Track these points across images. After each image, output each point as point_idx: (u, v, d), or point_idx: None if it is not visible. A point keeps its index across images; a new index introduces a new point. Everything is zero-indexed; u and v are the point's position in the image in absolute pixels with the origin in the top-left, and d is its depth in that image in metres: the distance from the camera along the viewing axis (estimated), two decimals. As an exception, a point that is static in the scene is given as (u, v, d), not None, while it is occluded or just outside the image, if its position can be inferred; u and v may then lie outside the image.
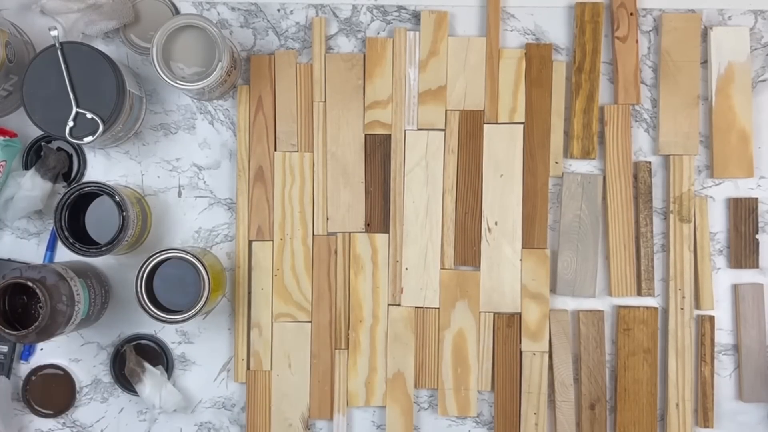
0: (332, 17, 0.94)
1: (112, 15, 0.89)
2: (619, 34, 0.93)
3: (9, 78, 0.87)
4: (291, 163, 0.93)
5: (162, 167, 0.94)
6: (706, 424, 0.92)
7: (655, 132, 0.94)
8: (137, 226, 0.88)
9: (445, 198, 0.93)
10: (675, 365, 0.91)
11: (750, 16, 0.95)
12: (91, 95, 0.84)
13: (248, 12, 0.94)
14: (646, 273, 0.92)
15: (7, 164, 0.89)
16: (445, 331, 0.92)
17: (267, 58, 0.93)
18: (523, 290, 0.92)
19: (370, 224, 0.93)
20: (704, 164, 0.94)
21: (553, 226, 0.93)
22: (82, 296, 0.84)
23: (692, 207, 0.92)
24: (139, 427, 0.94)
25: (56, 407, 0.93)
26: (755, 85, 0.94)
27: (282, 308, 0.93)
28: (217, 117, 0.94)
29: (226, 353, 0.94)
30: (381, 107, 0.93)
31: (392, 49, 0.93)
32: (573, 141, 0.93)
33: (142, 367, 0.90)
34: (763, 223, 0.94)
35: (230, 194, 0.94)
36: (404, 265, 0.92)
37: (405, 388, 0.92)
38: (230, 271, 0.93)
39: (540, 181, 0.93)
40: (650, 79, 0.95)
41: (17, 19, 0.92)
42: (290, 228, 0.93)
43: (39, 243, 0.93)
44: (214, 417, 0.94)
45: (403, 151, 0.93)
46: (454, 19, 0.94)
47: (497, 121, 0.93)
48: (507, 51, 0.93)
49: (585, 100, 0.93)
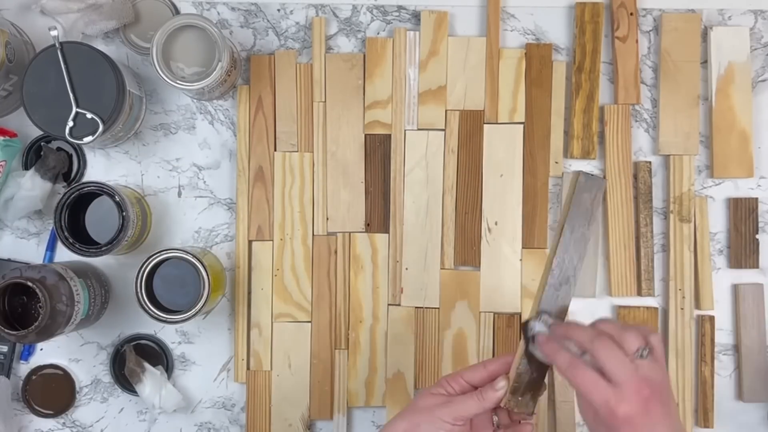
0: (332, 17, 0.94)
1: (112, 15, 0.89)
2: (619, 34, 0.93)
3: (9, 78, 0.87)
4: (291, 163, 0.93)
5: (162, 167, 0.94)
6: (706, 424, 0.92)
7: (655, 132, 0.94)
8: (137, 226, 0.88)
9: (445, 198, 0.93)
10: (675, 365, 0.91)
11: (750, 16, 0.95)
12: (91, 95, 0.84)
13: (248, 12, 0.94)
14: (646, 273, 0.92)
15: (7, 164, 0.89)
16: (445, 331, 0.92)
17: (267, 58, 0.93)
18: (523, 290, 0.92)
19: (370, 224, 0.93)
20: (704, 164, 0.94)
21: (553, 226, 0.93)
22: (82, 296, 0.84)
23: (692, 207, 0.92)
24: (139, 427, 0.94)
25: (56, 407, 0.93)
26: (755, 85, 0.94)
27: (282, 308, 0.93)
28: (217, 117, 0.94)
29: (226, 353, 0.94)
30: (381, 107, 0.93)
31: (392, 49, 0.93)
32: (573, 141, 0.93)
33: (142, 367, 0.90)
34: (763, 223, 0.94)
35: (230, 194, 0.94)
36: (404, 265, 0.92)
37: (405, 388, 0.92)
38: (230, 271, 0.93)
39: (540, 181, 0.93)
40: (650, 79, 0.95)
41: (17, 19, 0.92)
42: (290, 228, 0.93)
43: (39, 243, 0.93)
44: (214, 417, 0.94)
45: (403, 151, 0.93)
46: (454, 19, 0.94)
47: (497, 121, 0.93)
48: (507, 51, 0.93)
49: (585, 100, 0.93)
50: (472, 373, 0.71)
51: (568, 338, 0.67)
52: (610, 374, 0.63)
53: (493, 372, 0.70)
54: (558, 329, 0.68)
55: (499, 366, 0.71)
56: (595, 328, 0.67)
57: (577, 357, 0.65)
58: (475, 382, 0.71)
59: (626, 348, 0.64)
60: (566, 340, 0.67)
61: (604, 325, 0.67)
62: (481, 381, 0.71)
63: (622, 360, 0.63)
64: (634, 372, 0.63)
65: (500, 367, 0.71)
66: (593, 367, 0.64)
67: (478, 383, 0.71)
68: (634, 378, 0.63)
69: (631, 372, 0.63)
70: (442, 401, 0.69)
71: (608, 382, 0.63)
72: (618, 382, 0.63)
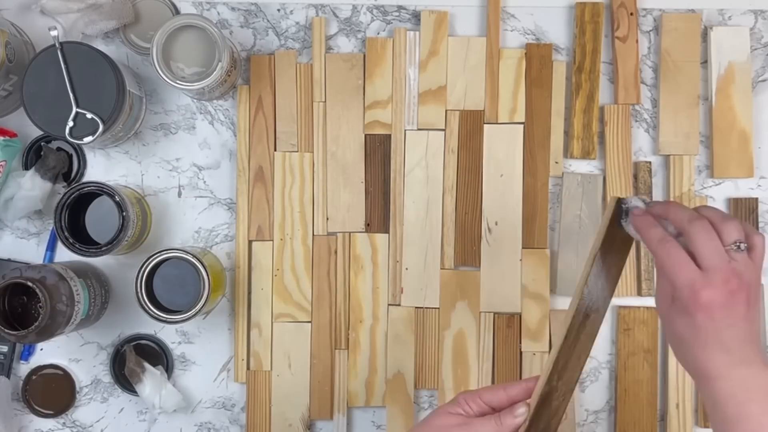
0: (332, 17, 0.94)
1: (112, 15, 0.89)
2: (619, 34, 0.93)
3: (9, 78, 0.87)
4: (291, 163, 0.93)
5: (162, 167, 0.94)
6: (706, 425, 0.92)
7: (655, 132, 0.94)
8: (137, 226, 0.88)
9: (445, 198, 0.93)
10: (675, 365, 0.91)
11: (750, 16, 0.95)
12: (91, 95, 0.84)
13: (248, 12, 0.94)
14: (646, 273, 0.92)
15: (7, 164, 0.89)
16: (445, 332, 0.92)
17: (267, 58, 0.93)
18: (523, 290, 0.92)
19: (370, 224, 0.93)
20: (704, 164, 0.94)
21: (553, 226, 0.93)
22: (82, 296, 0.84)
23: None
24: (139, 427, 0.94)
25: (56, 407, 0.93)
26: (755, 85, 0.94)
27: (282, 308, 0.93)
28: (217, 117, 0.94)
29: (226, 353, 0.94)
30: (381, 107, 0.93)
31: (392, 49, 0.93)
32: (573, 141, 0.93)
33: (142, 367, 0.90)
34: (763, 223, 0.94)
35: (230, 194, 0.94)
36: (404, 265, 0.92)
37: (405, 388, 0.92)
38: (230, 271, 0.93)
39: (540, 181, 0.93)
40: (650, 79, 0.95)
41: (17, 19, 0.92)
42: (290, 228, 0.93)
43: (39, 243, 0.93)
44: (214, 417, 0.94)
45: (403, 151, 0.93)
46: (454, 19, 0.94)
47: (497, 121, 0.93)
48: (507, 51, 0.93)
49: (585, 100, 0.93)
50: (491, 394, 0.68)
51: (665, 218, 0.64)
52: (702, 258, 0.61)
53: (513, 397, 0.67)
54: (656, 207, 0.65)
55: (520, 391, 0.67)
56: (697, 210, 0.64)
57: (671, 235, 0.63)
58: (493, 405, 0.68)
59: (724, 238, 0.61)
60: (663, 219, 0.64)
61: (707, 211, 0.64)
62: (499, 404, 0.67)
63: (717, 247, 0.61)
64: (727, 262, 0.60)
65: (521, 392, 0.67)
66: (685, 249, 0.61)
67: (497, 406, 0.67)
68: (726, 268, 0.60)
69: (724, 261, 0.60)
70: (460, 422, 0.66)
71: (697, 266, 0.60)
72: (708, 268, 0.60)
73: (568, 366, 0.68)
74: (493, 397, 0.68)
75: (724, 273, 0.60)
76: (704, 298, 0.60)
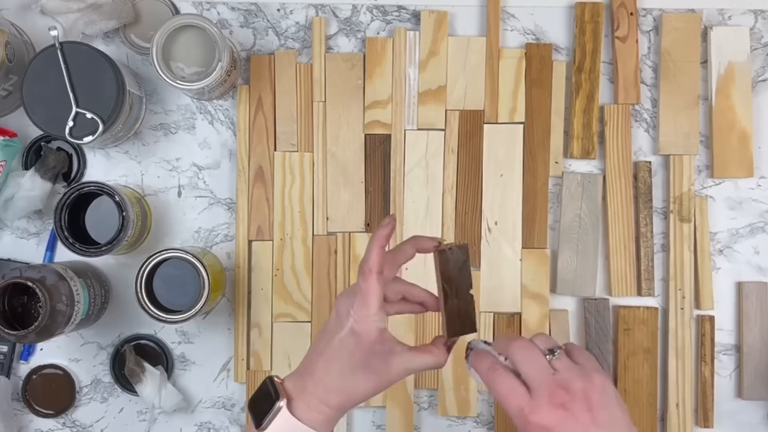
0: (332, 17, 0.94)
1: (112, 15, 0.89)
2: (619, 34, 0.93)
3: (9, 78, 0.87)
4: (291, 163, 0.93)
5: (162, 167, 0.94)
6: (706, 424, 0.92)
7: (655, 132, 0.94)
8: (137, 226, 0.88)
9: (445, 198, 0.93)
10: (675, 365, 0.91)
11: (750, 16, 0.95)
12: (91, 95, 0.84)
13: (248, 12, 0.94)
14: (646, 273, 0.92)
15: (7, 164, 0.89)
16: (445, 331, 0.92)
17: (267, 58, 0.93)
18: (523, 290, 0.92)
19: (370, 224, 0.93)
20: (704, 164, 0.94)
21: (553, 226, 0.93)
22: (82, 296, 0.84)
23: (692, 207, 0.92)
24: (139, 427, 0.94)
25: (56, 407, 0.93)
26: (755, 85, 0.94)
27: (282, 308, 0.93)
28: (217, 117, 0.94)
29: (226, 353, 0.94)
30: (381, 107, 0.93)
31: (392, 49, 0.93)
32: (573, 141, 0.93)
33: (142, 367, 0.90)
34: (763, 223, 0.94)
35: (230, 194, 0.94)
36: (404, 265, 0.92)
37: (405, 388, 0.92)
38: (230, 271, 0.93)
39: (540, 181, 0.93)
40: (650, 79, 0.95)
41: (17, 19, 0.92)
42: (290, 228, 0.93)
43: (39, 243, 0.93)
44: (214, 417, 0.94)
45: (403, 151, 0.93)
46: (454, 19, 0.94)
47: (497, 121, 0.93)
48: (507, 51, 0.93)
49: (585, 100, 0.93)
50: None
51: (499, 351, 0.64)
52: (526, 377, 0.60)
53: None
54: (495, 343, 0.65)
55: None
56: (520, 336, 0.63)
57: (497, 362, 0.62)
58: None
59: (540, 348, 0.61)
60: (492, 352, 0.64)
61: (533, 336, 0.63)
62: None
63: (537, 361, 0.60)
64: (550, 375, 0.59)
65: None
66: (513, 372, 0.61)
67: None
68: (549, 381, 0.59)
69: (546, 374, 0.59)
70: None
71: (526, 388, 0.59)
72: (534, 387, 0.59)
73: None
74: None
75: (548, 387, 0.58)
76: (534, 422, 0.58)
